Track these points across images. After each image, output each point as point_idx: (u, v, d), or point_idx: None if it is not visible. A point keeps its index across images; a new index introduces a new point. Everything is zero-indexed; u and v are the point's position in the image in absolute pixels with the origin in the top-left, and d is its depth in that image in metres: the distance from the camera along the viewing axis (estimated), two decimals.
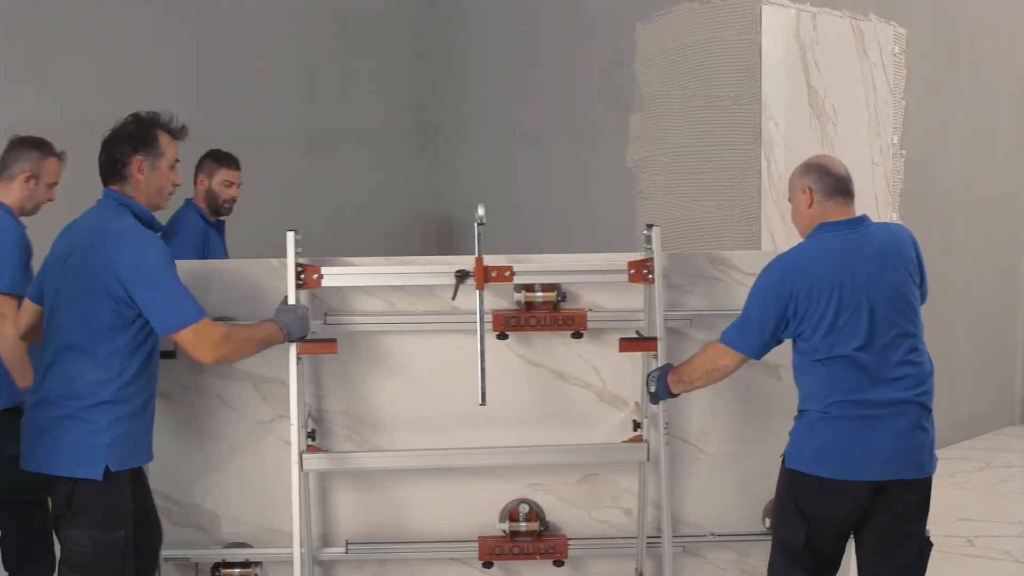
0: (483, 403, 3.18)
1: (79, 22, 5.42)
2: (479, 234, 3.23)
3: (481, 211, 3.19)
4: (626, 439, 3.51)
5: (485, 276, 3.27)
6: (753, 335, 3.00)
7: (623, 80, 5.78)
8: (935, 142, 6.38)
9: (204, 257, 4.49)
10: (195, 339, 2.83)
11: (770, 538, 3.20)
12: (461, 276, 3.27)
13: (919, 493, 2.99)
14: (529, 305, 3.44)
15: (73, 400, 2.82)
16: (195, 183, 4.69)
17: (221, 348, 2.88)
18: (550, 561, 3.54)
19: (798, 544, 2.98)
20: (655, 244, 3.35)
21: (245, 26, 6.03)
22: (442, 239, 6.86)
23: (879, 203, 5.87)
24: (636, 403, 3.54)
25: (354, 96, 6.51)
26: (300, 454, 3.26)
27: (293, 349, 3.22)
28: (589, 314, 3.43)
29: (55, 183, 3.82)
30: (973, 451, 6.49)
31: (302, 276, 3.29)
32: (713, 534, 3.60)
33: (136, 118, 2.99)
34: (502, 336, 3.44)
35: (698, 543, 3.60)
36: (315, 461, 3.34)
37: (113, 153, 2.95)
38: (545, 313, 3.42)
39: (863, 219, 3.08)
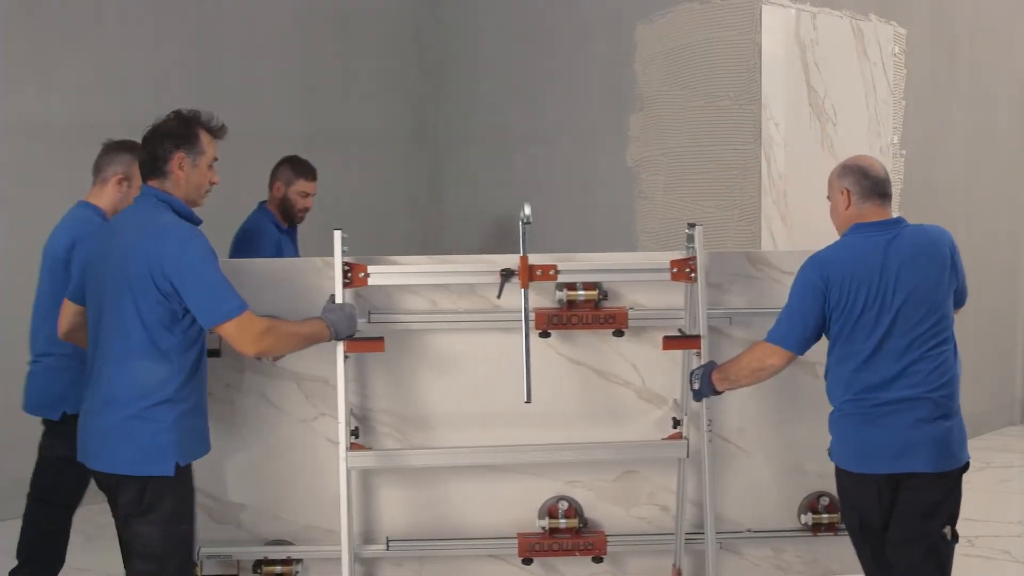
0: (528, 401, 3.23)
1: (79, 22, 5.42)
2: (524, 233, 3.28)
3: (527, 210, 3.25)
4: (666, 436, 3.55)
5: (530, 275, 3.30)
6: (796, 330, 3.09)
7: (623, 80, 5.78)
8: (935, 142, 6.38)
9: None
10: (237, 332, 2.85)
11: (805, 534, 3.59)
12: (506, 275, 3.29)
13: (937, 488, 3.06)
14: (571, 303, 3.48)
15: (137, 400, 2.85)
16: (270, 188, 4.75)
17: (263, 341, 2.88)
18: (589, 558, 3.58)
19: (855, 527, 3.18)
20: (697, 243, 3.39)
21: (245, 26, 6.03)
22: (442, 239, 6.86)
23: None
24: (675, 400, 3.57)
25: (354, 96, 6.51)
26: (347, 452, 3.27)
27: (340, 348, 3.23)
28: (629, 312, 3.48)
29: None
30: (973, 451, 6.37)
31: (349, 275, 3.30)
32: (749, 530, 3.66)
33: (178, 115, 3.01)
34: (544, 334, 3.49)
35: (735, 539, 3.66)
36: (360, 459, 3.37)
37: (155, 149, 2.96)
38: (587, 312, 3.47)
39: (899, 221, 3.15)
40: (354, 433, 3.43)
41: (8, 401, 5.22)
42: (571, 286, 3.46)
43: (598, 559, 3.59)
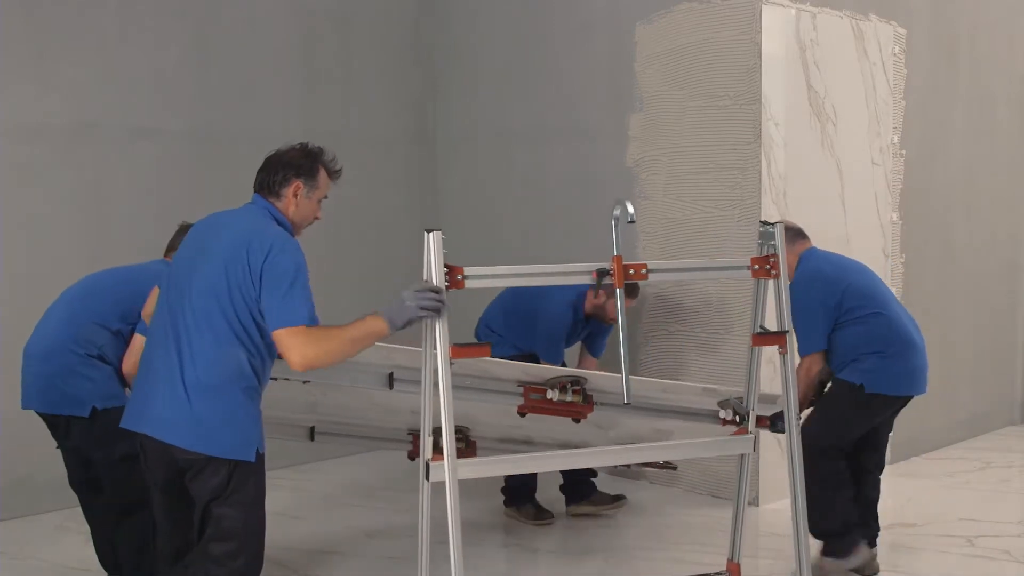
0: (628, 402, 3.34)
1: (79, 22, 5.42)
2: (618, 233, 3.30)
3: (630, 208, 3.29)
4: (732, 433, 3.67)
5: (624, 274, 3.32)
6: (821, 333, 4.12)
7: (623, 80, 5.78)
8: (935, 142, 6.38)
9: None
10: (289, 341, 2.90)
11: None
12: (602, 275, 3.30)
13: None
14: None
15: (232, 385, 2.95)
16: (588, 294, 4.93)
17: (307, 350, 2.91)
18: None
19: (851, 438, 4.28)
20: (778, 241, 3.42)
21: (245, 26, 6.03)
22: (442, 239, 6.86)
23: (879, 203, 5.87)
24: (739, 398, 3.66)
25: (354, 96, 6.51)
26: (427, 462, 3.22)
27: (444, 352, 3.12)
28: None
29: None
30: (973, 451, 6.49)
31: (447, 277, 3.22)
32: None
33: (304, 148, 3.18)
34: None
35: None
36: (467, 468, 3.28)
37: (275, 173, 3.13)
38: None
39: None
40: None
41: (10, 402, 5.23)
42: (563, 387, 3.81)
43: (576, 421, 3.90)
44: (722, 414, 3.94)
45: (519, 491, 5.14)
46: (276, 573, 3.84)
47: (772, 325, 3.56)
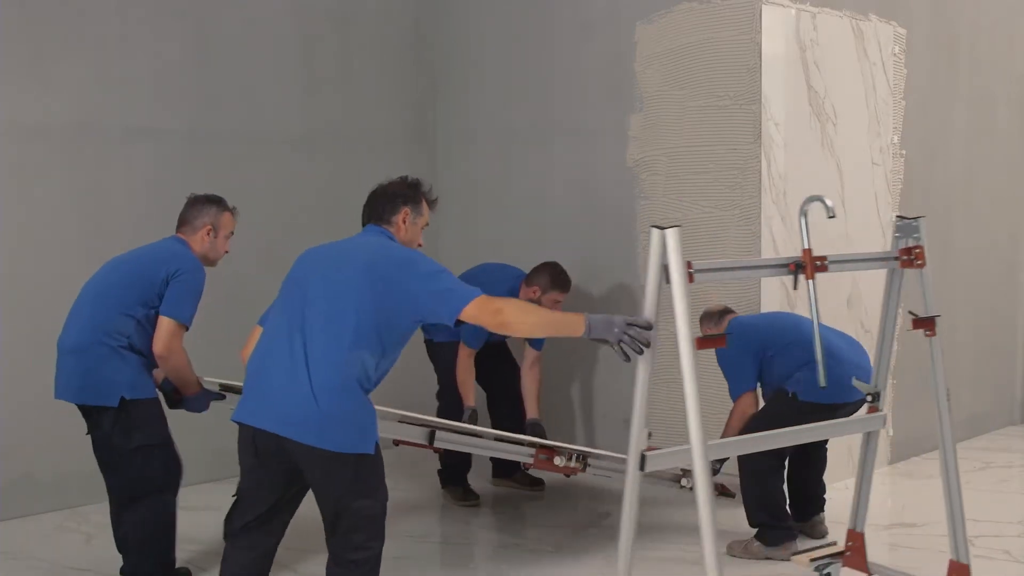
0: (823, 386, 3.61)
1: (79, 22, 5.42)
2: (806, 227, 3.50)
3: (829, 203, 3.46)
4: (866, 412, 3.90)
5: (812, 266, 3.54)
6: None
7: (623, 80, 5.78)
8: (935, 142, 6.38)
9: None
10: (477, 312, 3.14)
11: None
12: (798, 268, 3.52)
13: None
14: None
15: (361, 386, 3.17)
16: (522, 288, 5.24)
17: (501, 315, 3.16)
18: None
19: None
20: (922, 232, 3.72)
21: (245, 26, 6.03)
22: (442, 239, 6.86)
23: (879, 203, 5.87)
24: (864, 380, 3.97)
25: (354, 96, 6.51)
26: (643, 454, 3.27)
27: (688, 344, 3.21)
28: None
29: (231, 234, 4.24)
30: (973, 451, 6.49)
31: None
32: None
33: (406, 180, 3.56)
34: None
35: None
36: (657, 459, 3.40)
37: (386, 202, 3.48)
38: None
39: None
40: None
41: (10, 402, 5.24)
42: (570, 456, 4.35)
43: None
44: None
45: (453, 470, 5.39)
46: (276, 572, 3.84)
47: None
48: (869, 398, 3.87)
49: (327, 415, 3.10)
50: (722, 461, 4.69)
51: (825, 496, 4.87)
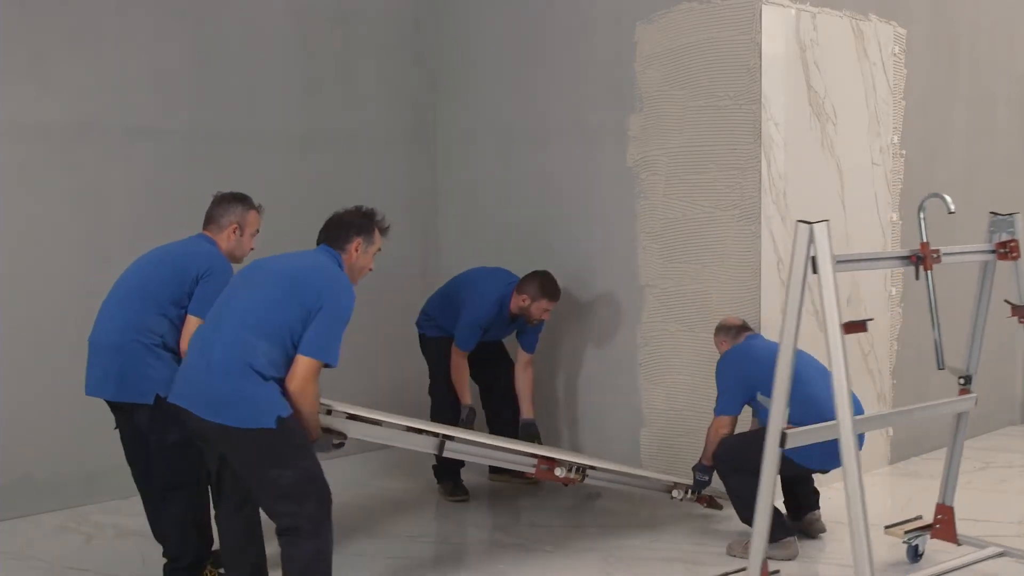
0: (941, 367, 4.01)
1: (79, 22, 5.42)
2: (923, 220, 3.89)
3: (948, 198, 3.86)
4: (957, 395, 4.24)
5: (929, 258, 3.89)
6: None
7: (623, 80, 5.78)
8: (935, 142, 6.38)
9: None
10: (304, 372, 3.46)
11: None
12: (919, 259, 3.89)
13: None
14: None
15: (258, 372, 3.45)
16: (513, 295, 5.38)
17: (304, 388, 3.47)
18: None
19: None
20: (1018, 227, 4.09)
21: (245, 26, 6.03)
22: (442, 239, 6.87)
23: (879, 203, 5.87)
24: (955, 365, 4.24)
25: (354, 96, 6.51)
26: (783, 432, 3.57)
27: (838, 328, 3.40)
28: None
29: (256, 232, 4.34)
30: (973, 451, 6.48)
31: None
32: None
33: (363, 211, 3.86)
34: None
35: None
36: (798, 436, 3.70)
37: (341, 231, 3.79)
38: None
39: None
40: None
41: (9, 402, 5.24)
42: (570, 468, 4.48)
43: None
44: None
45: (446, 464, 5.41)
46: (274, 572, 3.85)
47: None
48: (962, 380, 4.23)
49: (222, 393, 3.41)
50: (710, 476, 4.74)
51: (818, 489, 4.89)
